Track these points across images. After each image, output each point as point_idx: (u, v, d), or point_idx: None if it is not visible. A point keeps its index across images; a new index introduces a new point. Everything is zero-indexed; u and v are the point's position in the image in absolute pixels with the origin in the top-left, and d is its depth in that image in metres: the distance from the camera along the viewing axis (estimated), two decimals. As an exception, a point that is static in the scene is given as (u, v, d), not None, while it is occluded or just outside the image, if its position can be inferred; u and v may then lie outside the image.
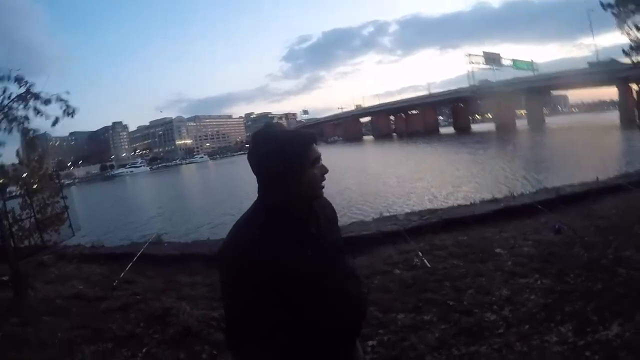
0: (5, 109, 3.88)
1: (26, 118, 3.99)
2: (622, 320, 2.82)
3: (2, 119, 3.92)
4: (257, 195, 1.30)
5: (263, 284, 1.15)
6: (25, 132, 4.11)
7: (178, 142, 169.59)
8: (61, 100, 3.89)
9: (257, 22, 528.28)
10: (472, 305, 3.42)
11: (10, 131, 4.03)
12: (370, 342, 3.02)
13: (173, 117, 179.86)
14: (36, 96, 3.83)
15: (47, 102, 3.87)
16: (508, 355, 2.64)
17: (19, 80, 3.73)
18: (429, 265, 4.57)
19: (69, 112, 3.95)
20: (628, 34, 9.01)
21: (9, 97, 3.85)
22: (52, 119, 3.98)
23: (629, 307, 2.98)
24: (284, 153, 1.21)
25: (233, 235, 1.24)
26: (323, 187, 1.29)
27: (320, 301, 1.23)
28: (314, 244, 1.25)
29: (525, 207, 6.71)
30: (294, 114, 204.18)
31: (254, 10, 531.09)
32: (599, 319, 2.90)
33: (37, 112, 3.90)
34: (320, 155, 1.28)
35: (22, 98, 3.84)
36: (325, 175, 1.29)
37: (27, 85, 3.77)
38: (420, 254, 4.87)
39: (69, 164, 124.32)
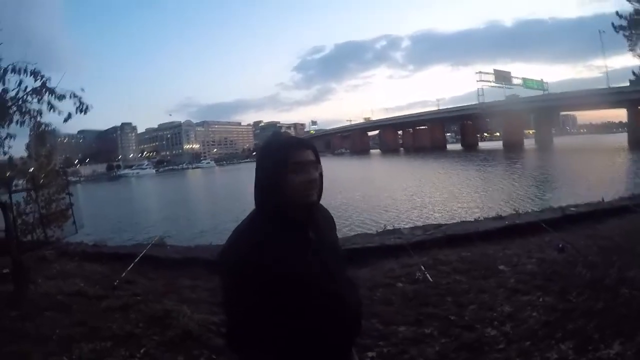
0: (20, 102, 3.89)
1: (39, 112, 4.00)
2: (623, 340, 2.80)
3: (16, 111, 3.93)
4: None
5: (263, 287, 1.16)
6: (37, 126, 4.10)
7: (186, 147, 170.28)
8: (75, 96, 3.89)
9: (270, 31, 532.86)
10: (473, 321, 3.40)
11: (22, 124, 4.05)
12: (370, 354, 3.00)
13: (182, 121, 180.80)
14: (51, 91, 3.81)
15: (61, 97, 3.87)
16: (508, 372, 2.62)
17: (35, 74, 3.73)
18: (431, 279, 4.56)
19: (82, 109, 3.95)
20: (639, 56, 9.08)
21: (24, 90, 3.86)
22: (65, 115, 3.98)
23: (630, 326, 2.96)
24: (265, 159, 1.29)
25: (233, 239, 1.26)
26: (310, 193, 1.26)
27: (320, 305, 1.23)
28: (313, 248, 1.27)
29: (530, 225, 6.70)
30: (302, 124, 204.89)
31: (268, 19, 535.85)
32: (600, 337, 2.89)
33: (51, 107, 3.90)
34: (304, 161, 1.26)
35: (37, 92, 3.83)
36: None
37: (43, 79, 3.77)
38: (422, 268, 4.86)
39: (76, 162, 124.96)
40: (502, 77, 77.94)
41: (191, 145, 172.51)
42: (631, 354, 2.64)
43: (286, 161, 1.25)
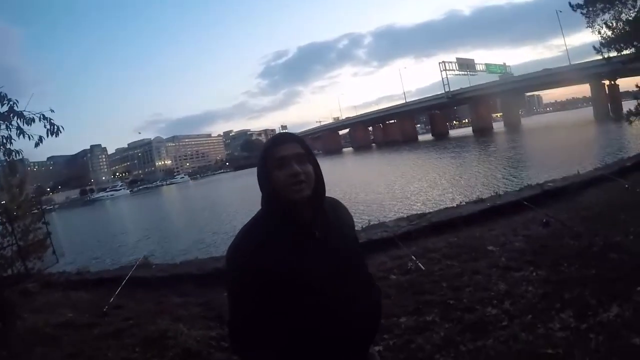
0: None
1: (9, 139, 3.80)
2: (620, 302, 2.90)
3: None
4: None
5: (263, 287, 1.17)
6: (8, 153, 3.89)
7: (158, 164, 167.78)
8: (45, 118, 3.70)
9: (233, 39, 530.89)
10: (472, 302, 3.43)
11: None
12: (377, 348, 2.98)
13: (152, 138, 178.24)
14: (19, 115, 3.63)
15: (30, 121, 3.69)
16: (515, 346, 2.66)
17: (1, 98, 3.55)
18: (423, 268, 4.57)
19: (53, 131, 3.78)
20: (598, 32, 9.39)
21: None
22: (36, 139, 3.78)
23: (624, 288, 3.07)
24: (258, 159, 1.30)
25: (236, 239, 1.26)
26: (298, 188, 1.23)
27: (322, 307, 1.20)
28: (318, 248, 1.24)
29: (511, 204, 6.84)
30: (272, 130, 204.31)
31: (230, 28, 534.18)
32: (597, 302, 2.97)
33: (21, 132, 3.70)
34: (287, 155, 1.24)
35: (5, 117, 3.64)
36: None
37: (10, 103, 3.58)
38: (413, 257, 4.87)
39: (48, 189, 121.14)
40: (466, 65, 79.27)
41: (163, 162, 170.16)
42: (629, 314, 2.73)
43: (269, 158, 1.25)
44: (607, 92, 59.08)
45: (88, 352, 3.75)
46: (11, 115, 3.63)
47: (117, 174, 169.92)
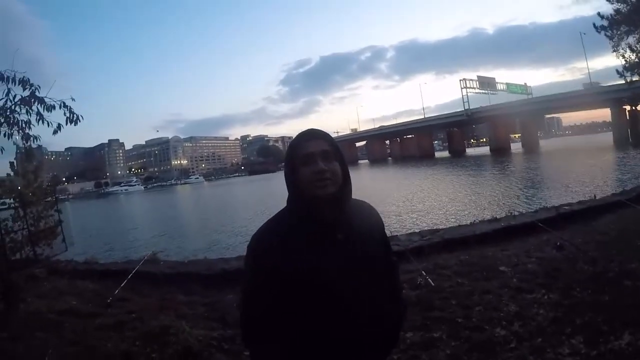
0: (8, 112, 3.72)
1: (28, 123, 3.83)
2: (632, 330, 2.82)
3: (3, 122, 3.75)
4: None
5: (277, 283, 1.16)
6: (26, 138, 3.92)
7: (174, 162, 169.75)
8: (65, 106, 3.72)
9: (256, 45, 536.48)
10: (481, 322, 3.36)
11: (10, 136, 3.88)
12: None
13: (169, 137, 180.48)
14: (41, 100, 3.65)
15: (50, 108, 3.71)
16: (523, 370, 2.57)
17: (23, 82, 3.56)
18: (433, 284, 4.51)
19: (72, 119, 3.79)
20: (622, 56, 9.25)
21: (12, 99, 3.70)
22: (54, 127, 3.80)
23: (638, 316, 2.98)
24: (285, 156, 1.28)
25: (257, 232, 1.26)
26: (322, 185, 1.19)
27: (333, 310, 1.17)
28: (338, 250, 1.20)
29: (526, 225, 6.76)
30: (290, 137, 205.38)
31: (254, 33, 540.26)
32: (609, 329, 2.90)
33: (40, 117, 3.73)
34: (312, 152, 1.21)
35: (26, 101, 3.66)
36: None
37: (32, 88, 3.61)
38: (423, 273, 4.80)
39: (63, 179, 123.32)
40: (487, 83, 78.80)
41: (179, 161, 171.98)
42: (642, 343, 2.64)
43: (295, 154, 1.24)
44: (628, 117, 58.16)
45: (88, 341, 3.73)
46: (32, 100, 3.66)
47: (133, 169, 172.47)
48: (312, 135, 1.26)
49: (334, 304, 1.17)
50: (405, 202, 19.00)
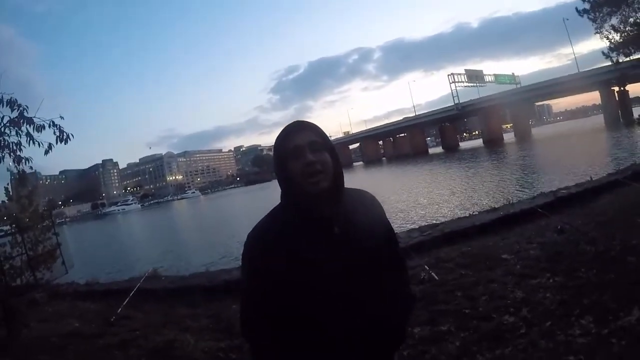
0: None
1: (19, 145, 3.78)
2: None
3: None
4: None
5: (272, 281, 1.13)
6: (17, 160, 3.87)
7: (169, 178, 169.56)
8: (55, 125, 3.68)
9: (245, 56, 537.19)
10: (488, 311, 3.34)
11: (2, 160, 3.83)
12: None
13: (163, 153, 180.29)
14: (29, 121, 3.60)
15: (40, 128, 3.66)
16: (535, 354, 2.57)
17: (11, 103, 3.54)
18: (437, 278, 4.50)
19: (63, 138, 3.75)
20: (606, 37, 9.33)
21: (1, 121, 3.65)
22: (45, 147, 3.75)
23: None
24: (273, 150, 1.25)
25: (252, 230, 1.22)
26: (314, 180, 1.15)
27: (331, 307, 1.13)
28: (336, 246, 1.16)
29: (525, 212, 6.78)
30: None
31: (242, 44, 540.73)
32: (617, 307, 2.88)
33: (30, 138, 3.68)
34: (298, 145, 1.17)
35: (15, 122, 3.62)
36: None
37: (20, 108, 3.56)
38: (426, 267, 4.78)
39: (59, 203, 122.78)
40: (475, 76, 79.01)
41: (174, 177, 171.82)
42: (653, 317, 2.62)
43: (283, 148, 1.20)
44: (617, 98, 58.61)
45: (93, 362, 3.70)
46: (21, 120, 3.63)
47: (129, 188, 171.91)
48: (298, 127, 1.22)
49: (330, 302, 1.13)
50: (408, 197, 19.00)
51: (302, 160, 1.15)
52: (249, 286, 1.21)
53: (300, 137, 1.18)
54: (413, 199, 18.05)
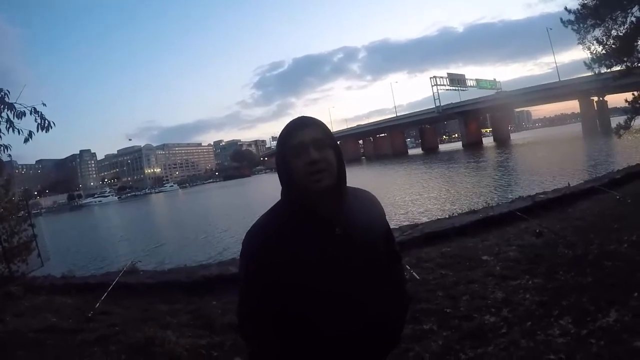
0: None
1: None
2: (618, 307, 2.90)
3: None
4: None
5: (270, 280, 1.12)
6: None
7: (147, 171, 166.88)
8: (36, 112, 3.56)
9: (229, 49, 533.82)
10: (469, 311, 3.39)
11: None
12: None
13: (142, 145, 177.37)
14: (10, 106, 3.48)
15: (21, 115, 3.54)
16: (516, 352, 2.63)
17: None
18: (418, 277, 4.52)
19: (44, 126, 3.63)
20: (589, 49, 9.57)
21: None
22: (26, 134, 3.62)
23: (621, 294, 3.08)
24: (276, 146, 1.23)
25: (252, 228, 1.21)
26: (317, 178, 1.13)
27: (331, 308, 1.13)
28: (337, 246, 1.15)
29: (504, 215, 6.87)
30: (263, 141, 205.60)
31: (227, 37, 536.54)
32: (595, 308, 2.97)
33: (10, 125, 3.56)
34: (302, 142, 1.15)
35: None
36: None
37: (1, 93, 3.44)
38: (407, 267, 4.81)
39: (35, 193, 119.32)
40: (457, 80, 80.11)
41: (152, 170, 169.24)
42: (629, 319, 2.72)
43: (286, 144, 1.18)
44: (595, 108, 60.23)
45: (71, 358, 3.61)
46: (1, 106, 3.51)
47: (106, 180, 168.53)
48: (303, 123, 1.19)
49: (331, 300, 1.13)
50: (388, 196, 19.12)
51: (306, 158, 1.14)
52: (247, 283, 1.19)
53: (304, 134, 1.16)
54: (391, 198, 18.19)
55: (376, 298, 1.20)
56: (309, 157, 1.13)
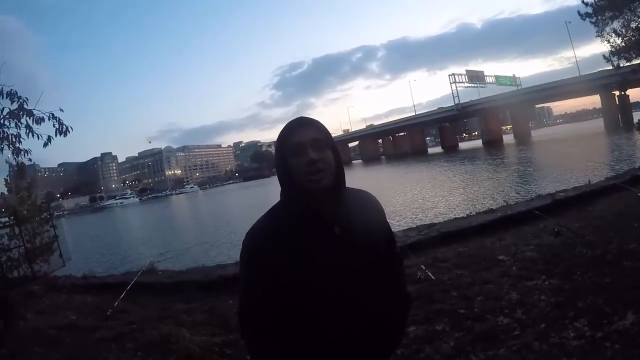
0: None
1: (18, 137, 3.77)
2: (635, 309, 2.82)
3: None
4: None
5: (270, 281, 1.12)
6: (16, 152, 3.86)
7: (168, 173, 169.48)
8: (54, 117, 3.67)
9: (249, 50, 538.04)
10: (483, 312, 3.35)
11: (1, 151, 3.82)
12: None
13: (162, 148, 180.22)
14: (29, 113, 3.59)
15: (40, 120, 3.66)
16: (528, 356, 2.58)
17: (11, 95, 3.53)
18: (433, 277, 4.49)
19: (62, 130, 3.74)
20: (608, 41, 9.33)
21: (1, 112, 3.64)
22: (45, 138, 3.74)
23: None
24: (275, 146, 1.22)
25: (251, 228, 1.21)
26: (316, 178, 1.13)
27: (329, 309, 1.13)
28: (335, 246, 1.15)
29: (522, 214, 6.74)
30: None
31: (247, 39, 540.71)
32: (612, 310, 2.89)
33: (30, 130, 3.67)
34: (301, 142, 1.15)
35: (15, 115, 3.61)
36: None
37: (20, 100, 3.56)
38: (423, 267, 4.77)
39: (57, 195, 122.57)
40: (475, 77, 78.96)
41: (173, 171, 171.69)
42: (646, 322, 2.63)
43: (284, 144, 1.18)
44: (617, 102, 58.55)
45: (88, 355, 3.71)
46: (21, 112, 3.62)
47: (127, 182, 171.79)
48: (301, 123, 1.19)
49: (331, 301, 1.12)
50: (406, 195, 19.00)
51: (304, 158, 1.14)
52: (247, 284, 1.19)
53: (302, 134, 1.16)
54: (411, 197, 18.06)
55: (377, 299, 1.19)
56: (308, 157, 1.13)
